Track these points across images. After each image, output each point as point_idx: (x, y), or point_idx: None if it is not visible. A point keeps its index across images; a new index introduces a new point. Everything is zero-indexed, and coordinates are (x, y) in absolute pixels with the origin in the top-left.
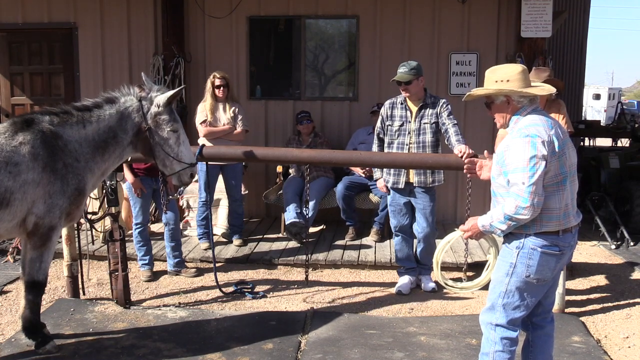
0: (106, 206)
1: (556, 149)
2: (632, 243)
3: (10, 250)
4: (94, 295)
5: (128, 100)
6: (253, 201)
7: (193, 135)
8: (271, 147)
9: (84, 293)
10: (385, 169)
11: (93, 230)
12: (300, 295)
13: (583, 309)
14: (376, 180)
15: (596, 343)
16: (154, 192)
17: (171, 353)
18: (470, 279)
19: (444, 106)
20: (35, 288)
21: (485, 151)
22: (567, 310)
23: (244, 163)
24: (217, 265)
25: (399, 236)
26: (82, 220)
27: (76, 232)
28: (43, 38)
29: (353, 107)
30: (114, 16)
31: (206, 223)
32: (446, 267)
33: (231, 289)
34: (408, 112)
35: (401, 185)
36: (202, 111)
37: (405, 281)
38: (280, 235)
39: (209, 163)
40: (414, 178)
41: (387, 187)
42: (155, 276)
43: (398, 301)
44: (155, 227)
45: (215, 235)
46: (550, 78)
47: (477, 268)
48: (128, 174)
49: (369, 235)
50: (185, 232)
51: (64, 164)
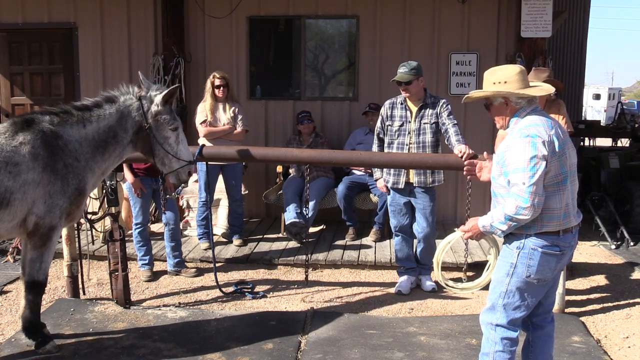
0: (106, 206)
1: (556, 149)
2: (632, 243)
3: (10, 250)
4: (94, 295)
5: (128, 99)
6: (253, 201)
7: (193, 135)
8: (271, 147)
9: (84, 293)
10: (385, 169)
11: (93, 230)
12: (300, 295)
13: (583, 309)
14: (376, 180)
15: (596, 343)
16: (154, 192)
17: (171, 353)
18: (470, 279)
19: (444, 106)
20: (35, 288)
21: (485, 152)
22: (567, 310)
23: (244, 163)
24: (217, 265)
25: (399, 236)
26: (82, 220)
27: (76, 232)
28: (43, 38)
29: (353, 107)
30: (114, 16)
31: (206, 223)
32: (446, 267)
33: (231, 289)
34: (408, 112)
35: (401, 185)
36: (202, 111)
37: (405, 281)
38: (280, 235)
39: (209, 163)
40: (414, 178)
41: (387, 187)
42: (155, 276)
43: (398, 301)
44: (155, 227)
45: (215, 235)
46: (549, 78)
47: (478, 268)
48: (128, 174)
49: (369, 235)
50: (185, 232)
51: (64, 164)
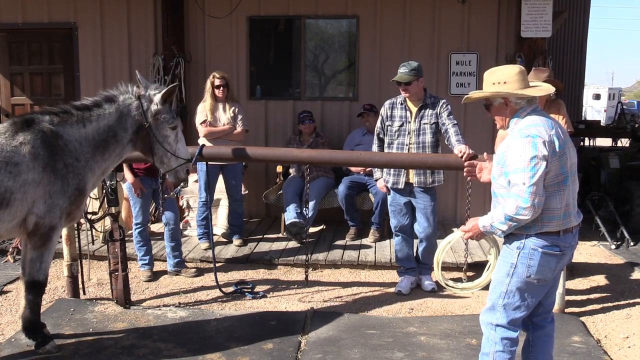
0: (106, 206)
1: (557, 149)
2: (632, 243)
3: (10, 250)
4: (94, 295)
5: (127, 98)
6: (253, 201)
7: (193, 135)
8: (271, 147)
9: (84, 293)
10: (385, 169)
11: (93, 230)
12: (300, 295)
13: (583, 309)
14: (376, 180)
15: (596, 343)
16: (154, 192)
17: (171, 353)
18: (470, 279)
19: (444, 106)
20: (35, 288)
21: (485, 153)
22: (567, 310)
23: (244, 163)
24: (217, 265)
25: (399, 236)
26: (82, 220)
27: (76, 232)
28: (43, 38)
29: (353, 107)
30: (114, 16)
31: (206, 223)
32: (446, 267)
33: (231, 289)
34: (408, 113)
35: (401, 185)
36: (202, 111)
37: (405, 281)
38: (280, 235)
39: (209, 163)
40: (414, 178)
41: (387, 187)
42: (155, 276)
43: (398, 301)
44: (155, 227)
45: (215, 235)
46: (549, 78)
47: (478, 268)
48: (128, 174)
49: (368, 235)
50: (185, 232)
51: (65, 164)
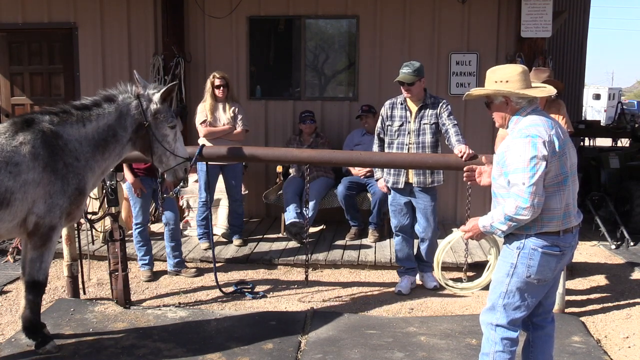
0: (106, 206)
1: (557, 149)
2: (632, 243)
3: (10, 250)
4: (94, 295)
5: (126, 97)
6: (253, 201)
7: (193, 135)
8: (271, 147)
9: (84, 293)
10: (385, 169)
11: (93, 230)
12: (300, 295)
13: (583, 309)
14: (377, 180)
15: (596, 343)
16: (154, 192)
17: (171, 353)
18: (470, 279)
19: (444, 106)
20: (35, 288)
21: (483, 157)
22: (567, 310)
23: (244, 163)
24: (217, 265)
25: (400, 236)
26: (82, 220)
27: (76, 232)
28: (43, 38)
29: (353, 107)
30: (114, 16)
31: (206, 223)
32: (446, 267)
33: (231, 289)
34: (408, 113)
35: (401, 185)
36: (202, 111)
37: (405, 281)
38: (280, 235)
39: (209, 163)
40: (413, 178)
41: (388, 187)
42: (155, 276)
43: (398, 301)
44: (155, 227)
45: (215, 235)
46: (550, 79)
47: (478, 268)
48: (128, 174)
49: (368, 236)
50: (185, 232)
51: (65, 164)
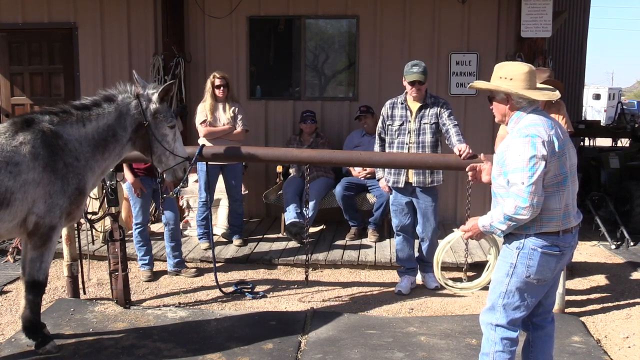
0: (106, 206)
1: (556, 149)
2: (632, 243)
3: (10, 250)
4: (94, 295)
5: (126, 97)
6: (253, 201)
7: (193, 135)
8: (271, 147)
9: (84, 293)
10: (386, 169)
11: (93, 230)
12: (300, 295)
13: (583, 309)
14: (378, 179)
15: (596, 343)
16: (154, 192)
17: (171, 353)
18: (470, 279)
19: (444, 107)
20: (35, 288)
21: (482, 155)
22: (567, 310)
23: (244, 163)
24: (217, 265)
25: (400, 236)
26: (82, 220)
27: (76, 232)
28: (43, 38)
29: (353, 107)
30: (114, 16)
31: (206, 223)
32: (446, 267)
33: (231, 289)
34: (408, 112)
35: (401, 184)
36: (202, 111)
37: (405, 281)
38: (280, 235)
39: (209, 163)
40: (413, 178)
41: (389, 187)
42: (155, 276)
43: (398, 301)
44: (155, 227)
45: (215, 235)
46: (550, 79)
47: (477, 268)
48: (128, 174)
49: (367, 236)
50: (185, 232)
51: (65, 164)
